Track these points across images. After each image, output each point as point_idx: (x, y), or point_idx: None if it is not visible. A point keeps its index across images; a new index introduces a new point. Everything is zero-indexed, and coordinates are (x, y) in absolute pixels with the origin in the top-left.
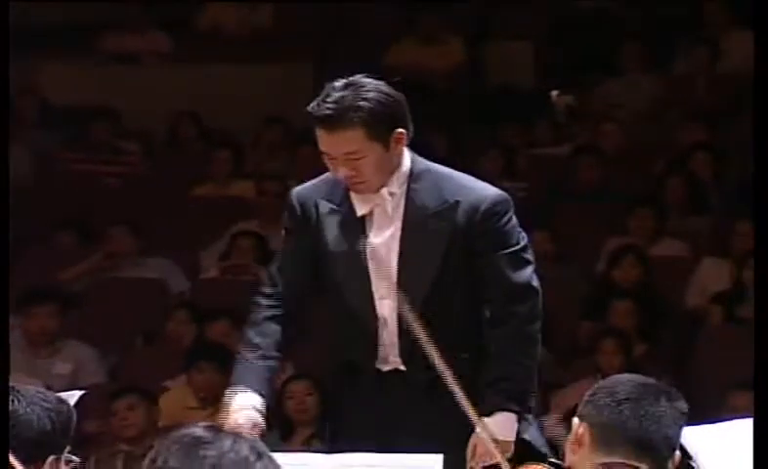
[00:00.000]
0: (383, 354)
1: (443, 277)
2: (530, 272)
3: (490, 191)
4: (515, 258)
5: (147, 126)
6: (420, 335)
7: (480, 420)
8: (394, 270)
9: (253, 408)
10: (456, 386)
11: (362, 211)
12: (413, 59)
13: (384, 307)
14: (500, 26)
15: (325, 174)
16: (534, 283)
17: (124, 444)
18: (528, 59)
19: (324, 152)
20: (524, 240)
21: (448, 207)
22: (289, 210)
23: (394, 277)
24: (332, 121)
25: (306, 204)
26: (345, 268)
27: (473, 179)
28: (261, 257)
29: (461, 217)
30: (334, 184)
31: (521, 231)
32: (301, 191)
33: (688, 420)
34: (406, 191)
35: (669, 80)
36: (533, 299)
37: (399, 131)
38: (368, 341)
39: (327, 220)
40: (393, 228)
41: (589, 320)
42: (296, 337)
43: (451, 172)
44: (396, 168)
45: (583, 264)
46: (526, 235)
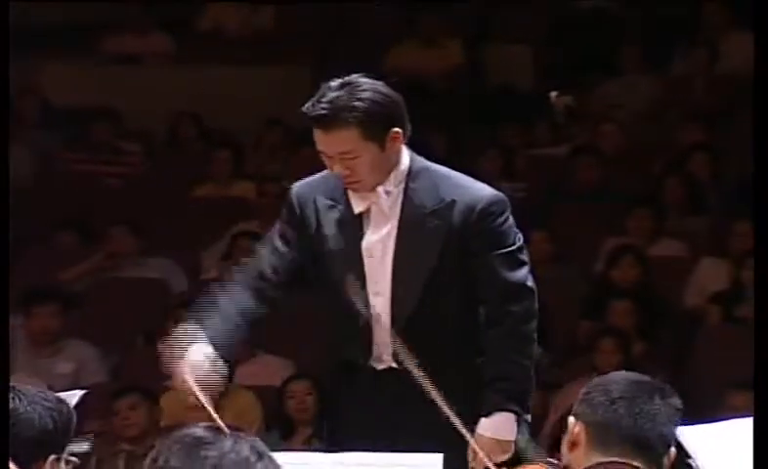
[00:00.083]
0: (377, 352)
1: (437, 277)
2: (525, 272)
3: (486, 191)
4: (510, 258)
5: (147, 126)
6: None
7: (468, 432)
8: (389, 267)
9: (202, 360)
10: (443, 401)
11: (358, 208)
12: (413, 60)
13: (377, 304)
14: (500, 27)
15: (325, 171)
16: (530, 283)
17: (126, 443)
18: (527, 60)
19: (321, 151)
20: (519, 241)
21: (444, 206)
22: (288, 207)
23: (389, 275)
24: (327, 121)
25: (305, 201)
26: (341, 264)
27: (470, 179)
28: None
29: (457, 217)
30: (334, 180)
31: (517, 231)
32: (301, 187)
33: (687, 420)
34: (404, 189)
35: (668, 81)
36: (528, 299)
37: (395, 131)
38: (363, 339)
39: (326, 217)
40: (389, 226)
41: (588, 320)
42: (260, 322)
43: (449, 172)
44: (393, 167)
45: (582, 264)
46: (522, 236)
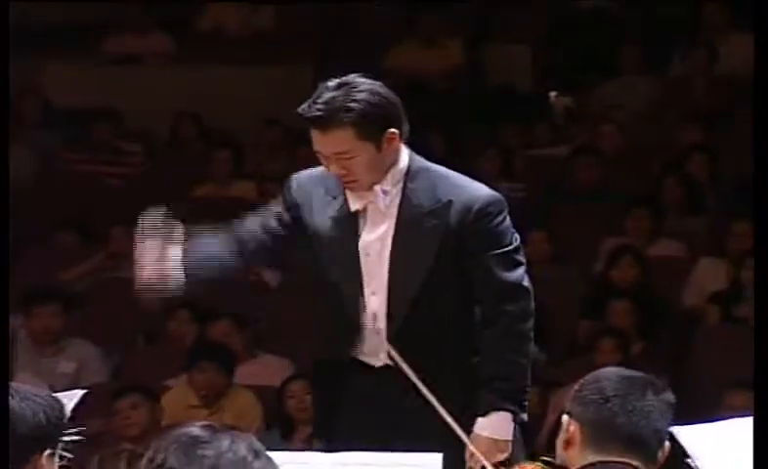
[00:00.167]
0: (372, 349)
1: (434, 277)
2: (521, 272)
3: (483, 191)
4: (506, 258)
5: (148, 127)
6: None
7: (464, 432)
8: (386, 266)
9: (169, 258)
10: (438, 401)
11: (355, 206)
12: (413, 60)
13: (374, 303)
14: (500, 27)
15: None
16: (526, 283)
17: (127, 442)
18: (527, 60)
19: (317, 151)
20: (516, 241)
21: (441, 206)
22: (287, 192)
23: (386, 274)
24: (323, 122)
25: (303, 191)
26: (333, 259)
27: (468, 179)
28: None
29: (454, 217)
30: (334, 176)
31: (514, 231)
32: (301, 177)
33: (685, 419)
34: (402, 188)
35: (667, 81)
36: (524, 298)
37: (391, 131)
38: (353, 334)
39: (322, 210)
40: (387, 225)
41: (588, 320)
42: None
43: (448, 172)
44: (390, 167)
45: (581, 264)
46: (518, 236)
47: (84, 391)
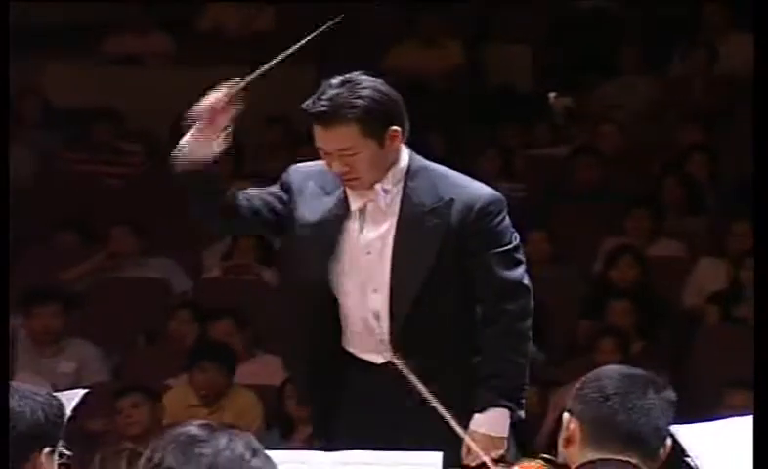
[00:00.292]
0: (374, 348)
1: (436, 276)
2: (521, 270)
3: (484, 190)
4: (507, 257)
5: (148, 127)
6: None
7: (466, 433)
8: (387, 265)
9: None
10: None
11: (355, 205)
12: (413, 60)
13: (375, 301)
14: (500, 27)
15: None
16: (525, 282)
17: (129, 441)
18: (527, 60)
19: (319, 148)
20: (516, 240)
21: (442, 205)
22: (284, 175)
23: (387, 273)
24: (327, 117)
25: (296, 183)
26: (318, 254)
27: (468, 178)
28: (263, 257)
29: (455, 215)
30: (332, 173)
31: (513, 231)
32: (297, 169)
33: (685, 418)
34: (403, 187)
35: (667, 81)
36: (524, 297)
37: (393, 129)
38: (334, 326)
39: (311, 203)
40: (388, 223)
41: (587, 320)
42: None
43: (448, 171)
44: (391, 165)
45: (581, 264)
46: (518, 235)
47: (85, 390)
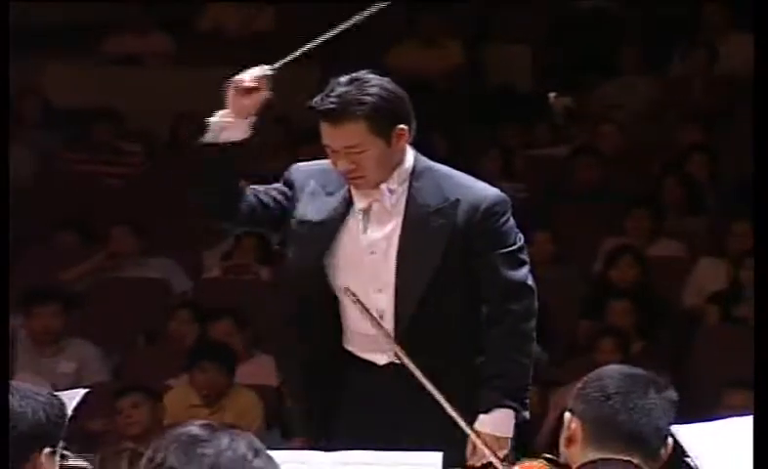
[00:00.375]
0: (377, 348)
1: (441, 276)
2: (525, 271)
3: (489, 190)
4: (511, 257)
5: (148, 127)
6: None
7: (473, 431)
8: (392, 265)
9: None
10: (442, 397)
11: (360, 205)
12: (413, 60)
13: (380, 301)
14: (500, 27)
15: (328, 160)
16: (530, 282)
17: (129, 441)
18: (527, 60)
19: (326, 145)
20: (520, 241)
21: (448, 205)
22: (286, 172)
23: (392, 273)
24: (335, 114)
25: (298, 182)
26: (317, 253)
27: (473, 179)
28: (263, 257)
29: (461, 216)
30: (335, 173)
31: (518, 231)
32: (298, 168)
33: (685, 418)
34: (408, 187)
35: (667, 81)
36: (528, 297)
37: (400, 127)
38: (333, 324)
39: (313, 201)
40: (393, 223)
41: (588, 320)
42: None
43: (452, 171)
44: (397, 165)
45: (581, 264)
46: (522, 236)
47: (86, 390)
